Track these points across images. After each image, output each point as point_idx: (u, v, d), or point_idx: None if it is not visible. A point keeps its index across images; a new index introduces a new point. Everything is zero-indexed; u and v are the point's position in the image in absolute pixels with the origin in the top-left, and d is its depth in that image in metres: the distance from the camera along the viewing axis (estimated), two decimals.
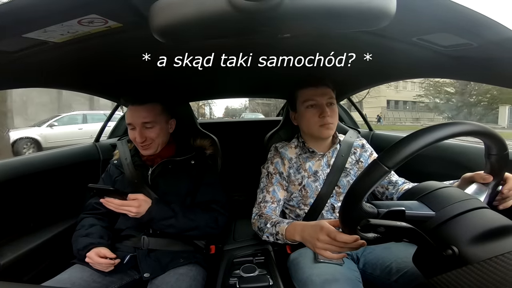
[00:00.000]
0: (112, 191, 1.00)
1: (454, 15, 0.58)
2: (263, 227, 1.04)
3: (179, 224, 1.07)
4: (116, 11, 0.59)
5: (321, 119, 1.11)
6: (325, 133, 1.13)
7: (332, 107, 1.14)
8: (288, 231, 0.94)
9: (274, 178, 1.17)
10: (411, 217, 0.58)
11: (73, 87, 1.32)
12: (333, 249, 0.75)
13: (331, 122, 1.11)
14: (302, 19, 0.48)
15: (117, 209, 1.01)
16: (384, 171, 0.53)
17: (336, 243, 0.73)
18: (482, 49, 0.71)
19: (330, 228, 0.76)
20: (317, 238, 0.78)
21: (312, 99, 1.13)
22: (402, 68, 1.15)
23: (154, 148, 1.19)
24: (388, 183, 1.15)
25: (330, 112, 1.11)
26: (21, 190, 1.24)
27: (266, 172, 1.21)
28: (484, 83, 0.94)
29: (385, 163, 0.53)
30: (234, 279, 0.97)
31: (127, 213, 1.01)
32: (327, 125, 1.11)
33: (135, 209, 1.00)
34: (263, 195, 1.15)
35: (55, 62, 0.87)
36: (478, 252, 0.49)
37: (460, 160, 1.21)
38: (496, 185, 0.71)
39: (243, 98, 38.16)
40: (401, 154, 0.52)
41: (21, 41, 0.66)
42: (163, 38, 0.52)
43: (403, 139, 0.54)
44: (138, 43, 0.81)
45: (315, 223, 0.84)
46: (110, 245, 1.08)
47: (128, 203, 1.00)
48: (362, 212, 0.57)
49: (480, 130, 0.59)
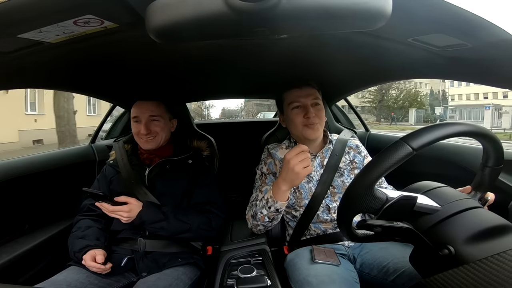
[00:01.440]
0: (101, 197, 1.00)
1: (449, 16, 0.59)
2: (255, 210, 1.05)
3: (171, 227, 1.07)
4: (112, 11, 0.59)
5: (306, 119, 1.11)
6: (310, 133, 1.12)
7: (318, 107, 1.14)
8: (274, 190, 0.99)
9: (268, 178, 1.17)
10: (420, 208, 0.58)
11: (69, 87, 1.31)
12: (303, 160, 0.90)
13: (315, 122, 1.11)
14: (299, 20, 0.48)
15: (109, 214, 1.02)
16: (408, 152, 0.52)
17: (299, 150, 0.90)
18: (476, 49, 0.72)
19: (290, 152, 0.91)
20: (290, 168, 0.90)
21: (297, 101, 1.13)
22: (397, 69, 1.16)
23: (156, 143, 1.21)
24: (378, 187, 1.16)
25: (315, 112, 1.11)
26: (16, 191, 1.22)
27: (260, 172, 1.21)
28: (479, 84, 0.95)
29: (410, 143, 0.52)
30: (232, 280, 0.97)
31: (119, 218, 1.02)
32: (311, 125, 1.11)
33: (126, 214, 1.01)
34: (256, 194, 1.14)
35: (51, 63, 0.87)
36: (474, 251, 0.49)
37: (454, 160, 1.22)
38: (481, 198, 0.71)
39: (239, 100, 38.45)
40: (428, 137, 0.52)
41: (16, 42, 0.65)
42: (159, 39, 0.52)
43: (431, 126, 0.54)
44: (134, 43, 0.80)
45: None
46: (107, 246, 1.07)
47: (119, 208, 1.01)
48: (370, 196, 0.56)
49: (491, 137, 0.60)
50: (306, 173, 0.91)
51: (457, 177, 0.86)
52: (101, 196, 1.00)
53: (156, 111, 1.20)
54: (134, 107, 1.21)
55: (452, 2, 0.54)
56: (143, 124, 1.17)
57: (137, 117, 1.19)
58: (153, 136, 1.19)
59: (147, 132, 1.17)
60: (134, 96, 1.25)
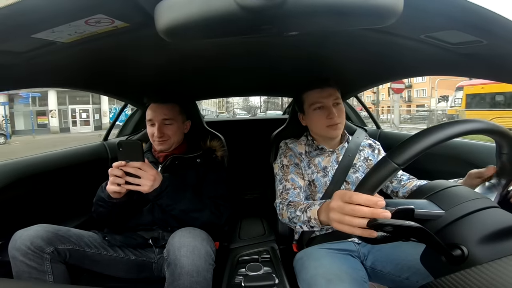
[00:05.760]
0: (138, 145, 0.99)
1: (463, 12, 0.57)
2: (294, 216, 0.95)
3: (187, 201, 1.09)
4: (123, 11, 0.59)
5: (329, 120, 1.12)
6: (333, 133, 1.15)
7: (339, 107, 1.15)
8: (320, 213, 0.82)
9: (290, 168, 1.17)
10: (420, 216, 0.57)
11: (82, 87, 1.33)
12: (348, 219, 0.57)
13: (338, 122, 1.13)
14: (308, 17, 0.48)
15: (136, 172, 0.98)
16: (394, 168, 0.52)
17: (350, 207, 0.57)
18: (492, 46, 0.70)
19: (345, 192, 0.61)
20: (332, 208, 0.62)
21: (319, 102, 1.14)
22: (409, 66, 1.14)
23: (169, 145, 1.25)
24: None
25: (337, 112, 1.13)
26: (31, 188, 1.26)
27: (280, 165, 1.20)
28: (493, 81, 0.93)
29: (394, 160, 0.52)
30: (240, 277, 0.98)
31: (142, 181, 0.98)
32: (335, 126, 1.13)
33: (152, 178, 0.99)
34: (282, 185, 1.13)
35: (64, 62, 0.89)
36: (488, 252, 0.48)
37: (469, 158, 1.19)
38: (506, 184, 0.69)
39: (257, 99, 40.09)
40: (410, 151, 0.52)
41: (30, 42, 0.67)
42: (169, 37, 0.52)
43: (413, 137, 0.53)
44: (145, 42, 0.81)
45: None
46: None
47: (148, 167, 0.99)
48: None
49: (492, 128, 0.58)
50: (339, 227, 0.61)
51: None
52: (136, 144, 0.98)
53: (170, 114, 1.23)
54: (149, 109, 1.24)
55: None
56: (157, 127, 1.21)
57: (152, 120, 1.23)
58: (165, 139, 1.23)
59: (161, 135, 1.21)
60: (146, 94, 1.27)
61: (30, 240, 0.90)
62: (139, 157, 0.98)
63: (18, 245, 0.89)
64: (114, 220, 1.13)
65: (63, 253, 0.96)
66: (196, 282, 0.86)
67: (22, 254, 0.88)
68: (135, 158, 0.98)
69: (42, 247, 0.91)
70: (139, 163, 0.98)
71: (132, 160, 0.97)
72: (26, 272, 0.88)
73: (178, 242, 0.90)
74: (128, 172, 0.98)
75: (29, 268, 0.89)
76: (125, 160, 0.97)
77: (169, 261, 0.89)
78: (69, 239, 0.99)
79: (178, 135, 1.28)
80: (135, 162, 0.97)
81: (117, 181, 0.96)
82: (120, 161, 0.97)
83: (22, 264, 0.88)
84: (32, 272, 0.89)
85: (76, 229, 1.06)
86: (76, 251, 1.00)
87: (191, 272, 0.86)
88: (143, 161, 0.99)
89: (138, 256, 1.13)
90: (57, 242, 0.95)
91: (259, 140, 1.95)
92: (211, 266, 0.95)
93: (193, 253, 0.88)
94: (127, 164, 0.97)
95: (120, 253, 1.11)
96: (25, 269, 0.88)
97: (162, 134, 1.21)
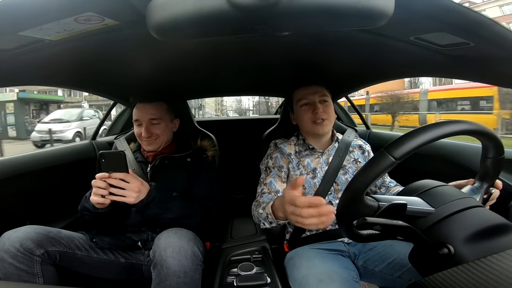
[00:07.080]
0: (118, 156, 0.95)
1: (451, 15, 0.58)
2: (259, 215, 0.99)
3: (177, 209, 1.06)
4: (113, 8, 0.59)
5: (314, 115, 1.14)
6: (319, 129, 1.15)
7: (325, 104, 1.17)
8: (274, 208, 0.88)
9: (272, 171, 1.17)
10: (411, 212, 0.58)
11: (69, 85, 1.31)
12: (301, 220, 0.64)
13: (324, 117, 1.14)
14: (300, 17, 0.48)
15: (119, 184, 0.95)
16: (391, 162, 0.52)
17: (298, 211, 0.64)
18: (479, 48, 0.71)
19: (290, 195, 0.67)
20: (288, 211, 0.69)
21: (305, 98, 1.17)
22: (399, 67, 1.15)
23: (158, 144, 1.23)
24: (381, 183, 1.18)
25: (323, 108, 1.14)
26: (17, 188, 1.23)
27: (264, 167, 1.22)
28: (482, 83, 0.95)
29: (392, 154, 0.52)
30: (232, 277, 0.97)
31: (126, 192, 0.95)
32: (320, 122, 1.14)
33: (137, 189, 0.97)
34: (261, 188, 1.14)
35: (52, 60, 0.87)
36: (474, 250, 0.49)
37: (456, 159, 1.22)
38: (487, 189, 0.71)
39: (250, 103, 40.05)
40: (408, 146, 0.52)
41: (17, 39, 0.65)
42: (160, 36, 0.52)
43: (412, 132, 0.54)
44: (135, 41, 0.80)
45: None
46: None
47: (132, 178, 0.97)
48: (362, 205, 0.57)
49: (484, 131, 0.60)
50: (301, 226, 0.67)
51: (458, 175, 0.86)
52: (122, 155, 0.95)
53: (157, 114, 1.21)
54: (135, 109, 1.21)
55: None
56: (144, 127, 1.18)
57: (138, 120, 1.21)
58: (154, 138, 1.21)
59: (149, 135, 1.19)
60: (135, 93, 1.25)
61: (20, 241, 0.87)
62: (123, 168, 0.95)
63: (6, 246, 0.86)
64: (102, 226, 1.11)
65: (53, 256, 0.94)
66: (183, 283, 0.86)
67: (11, 256, 0.86)
68: (119, 169, 0.95)
69: (32, 249, 0.88)
70: (123, 174, 0.95)
71: (115, 171, 0.94)
72: (15, 275, 0.86)
73: (164, 243, 0.89)
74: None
75: (18, 271, 0.86)
76: (108, 172, 0.94)
77: (155, 261, 0.87)
78: (60, 241, 0.97)
79: (167, 134, 1.26)
80: (118, 173, 0.94)
81: (100, 193, 0.94)
82: (103, 173, 0.94)
83: (11, 267, 0.86)
84: (21, 275, 0.87)
85: (67, 231, 1.04)
86: (67, 253, 0.98)
87: (177, 273, 0.85)
88: (127, 172, 0.96)
89: (127, 258, 1.12)
90: (47, 244, 0.93)
91: (250, 139, 1.95)
92: (199, 267, 0.94)
93: (179, 253, 0.87)
94: (111, 175, 0.94)
95: (110, 256, 1.09)
96: (14, 272, 0.86)
97: (150, 134, 1.19)
